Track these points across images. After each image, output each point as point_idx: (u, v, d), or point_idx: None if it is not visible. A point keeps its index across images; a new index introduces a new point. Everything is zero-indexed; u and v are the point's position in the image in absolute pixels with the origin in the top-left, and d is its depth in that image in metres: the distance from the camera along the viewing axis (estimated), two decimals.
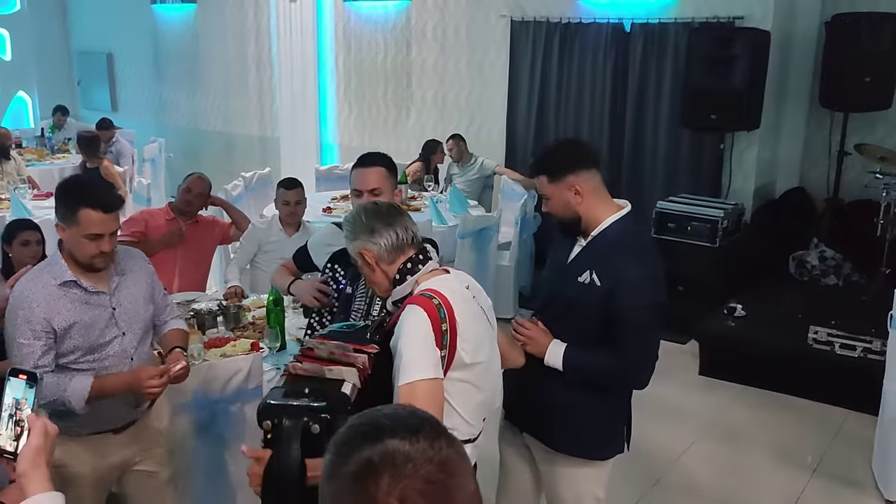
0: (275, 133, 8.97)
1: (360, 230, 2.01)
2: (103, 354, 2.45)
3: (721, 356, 5.07)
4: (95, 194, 2.40)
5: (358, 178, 2.59)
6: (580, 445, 2.43)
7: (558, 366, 2.33)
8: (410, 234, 2.02)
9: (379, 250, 1.99)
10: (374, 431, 1.00)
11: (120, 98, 10.83)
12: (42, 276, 2.41)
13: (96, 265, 2.41)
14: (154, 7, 9.96)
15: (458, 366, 1.88)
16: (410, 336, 1.82)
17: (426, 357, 1.80)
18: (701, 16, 5.95)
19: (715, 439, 4.31)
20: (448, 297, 1.89)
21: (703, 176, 6.16)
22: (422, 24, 7.62)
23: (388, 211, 2.04)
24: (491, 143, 7.29)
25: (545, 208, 2.41)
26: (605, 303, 2.26)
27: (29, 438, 1.36)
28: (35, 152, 8.35)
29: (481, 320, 2.01)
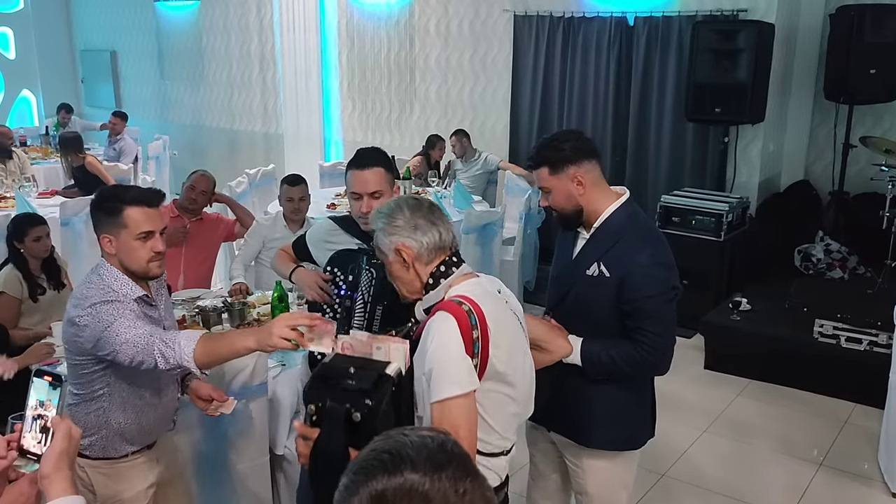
0: (278, 129, 8.98)
1: (400, 225, 1.89)
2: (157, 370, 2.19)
3: (726, 350, 5.06)
4: (134, 192, 2.28)
5: (357, 181, 2.46)
6: (610, 438, 2.41)
7: (577, 362, 2.30)
8: (451, 236, 1.92)
9: (419, 248, 1.88)
10: (393, 461, 0.92)
11: (124, 95, 10.84)
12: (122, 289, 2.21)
13: (153, 271, 2.26)
14: (157, 4, 9.96)
15: (490, 375, 1.79)
16: (440, 346, 1.73)
17: (458, 369, 1.72)
18: (705, 9, 5.93)
19: (721, 433, 4.31)
20: (479, 303, 1.80)
21: (708, 169, 6.14)
22: (425, 20, 7.61)
23: (430, 208, 1.93)
24: (494, 138, 7.29)
25: (546, 202, 2.37)
26: (616, 293, 2.24)
27: (52, 441, 1.34)
28: (39, 150, 8.37)
29: (514, 326, 1.93)
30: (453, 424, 1.68)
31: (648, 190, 6.27)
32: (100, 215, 2.26)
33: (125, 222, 2.20)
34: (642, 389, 2.47)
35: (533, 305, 5.95)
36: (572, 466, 2.51)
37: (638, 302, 2.23)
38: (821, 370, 4.72)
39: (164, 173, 8.55)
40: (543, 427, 2.55)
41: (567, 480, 2.64)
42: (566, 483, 2.65)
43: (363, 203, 2.44)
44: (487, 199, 6.59)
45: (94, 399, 2.27)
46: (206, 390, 2.40)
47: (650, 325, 2.24)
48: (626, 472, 2.51)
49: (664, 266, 2.27)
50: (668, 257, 2.30)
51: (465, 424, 1.71)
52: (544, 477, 2.66)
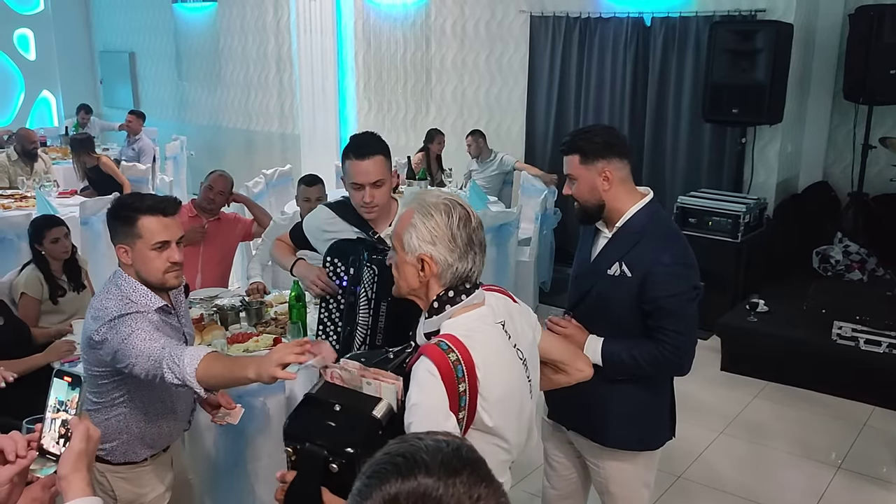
0: (295, 130, 9.02)
1: (439, 234, 1.68)
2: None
3: (743, 352, 5.03)
4: (149, 200, 2.23)
5: (358, 171, 2.40)
6: (630, 437, 2.41)
7: (598, 361, 2.28)
8: (481, 270, 1.74)
9: (445, 270, 1.70)
10: (407, 465, 0.91)
11: (142, 96, 10.93)
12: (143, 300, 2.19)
13: (169, 282, 2.22)
14: (175, 6, 10.04)
15: (478, 427, 1.66)
16: (419, 404, 1.57)
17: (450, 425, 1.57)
18: (722, 9, 5.91)
19: (738, 435, 4.29)
20: (470, 348, 1.62)
21: (725, 170, 6.11)
22: (441, 21, 7.62)
23: (476, 230, 1.73)
24: (510, 139, 7.29)
25: (569, 190, 2.35)
26: (638, 293, 2.24)
27: (70, 442, 1.34)
28: (59, 151, 8.45)
29: (513, 369, 1.74)
30: None
31: (665, 191, 6.24)
32: (115, 224, 2.22)
33: (140, 232, 2.16)
34: (661, 389, 2.47)
35: (549, 307, 5.95)
36: (593, 467, 2.51)
37: (660, 301, 2.23)
38: (839, 372, 4.68)
39: (181, 173, 8.61)
40: (562, 426, 2.55)
41: (584, 481, 2.65)
42: (584, 483, 2.65)
43: (365, 193, 2.40)
44: (503, 200, 6.60)
45: (115, 406, 2.26)
46: (216, 396, 2.37)
47: (672, 324, 2.24)
48: (647, 471, 2.50)
49: (686, 265, 2.27)
50: (689, 257, 2.30)
51: None
52: (562, 477, 2.66)
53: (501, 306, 1.79)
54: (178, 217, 2.27)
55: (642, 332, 2.29)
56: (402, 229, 1.72)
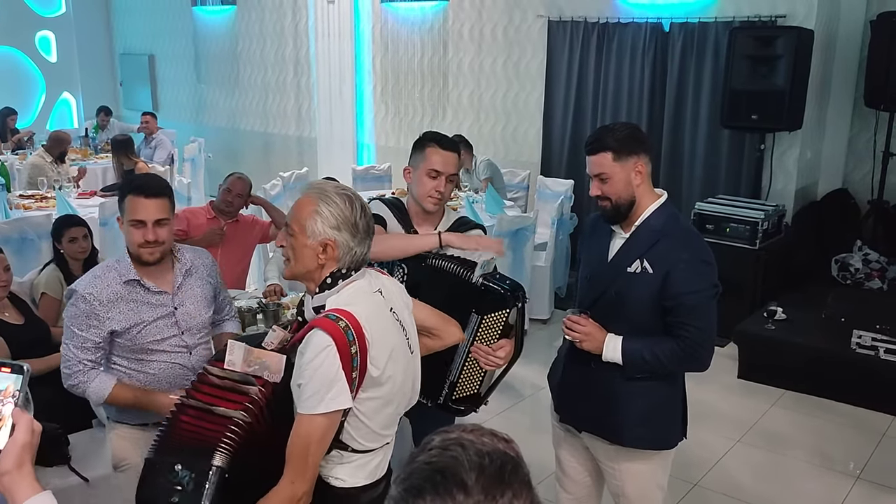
0: (312, 133, 9.06)
1: (342, 220, 1.86)
2: (159, 349, 2.47)
3: (761, 359, 5.00)
4: (139, 182, 2.52)
5: (441, 161, 2.52)
6: (646, 437, 2.41)
7: (617, 359, 2.30)
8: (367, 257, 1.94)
9: (345, 253, 1.88)
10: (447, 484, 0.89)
11: (161, 99, 11.02)
12: (108, 274, 2.44)
13: (143, 256, 2.41)
14: (195, 9, 10.11)
15: (368, 383, 1.83)
16: (312, 364, 1.75)
17: (327, 389, 1.74)
18: (742, 14, 5.88)
19: (754, 443, 4.25)
20: (355, 314, 1.81)
21: (743, 177, 6.08)
22: (459, 25, 7.63)
23: (371, 218, 1.93)
24: (527, 144, 7.28)
25: (598, 191, 2.32)
26: (659, 289, 2.26)
27: (14, 434, 1.21)
28: (79, 152, 8.54)
29: (392, 328, 1.94)
30: (308, 438, 1.77)
31: (682, 197, 6.21)
32: (119, 201, 2.49)
33: (126, 207, 2.41)
34: (675, 388, 2.47)
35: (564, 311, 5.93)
36: (608, 469, 2.50)
37: (682, 297, 2.24)
38: (858, 382, 4.64)
39: (199, 175, 8.67)
40: (574, 429, 2.55)
41: (597, 484, 2.64)
42: (597, 487, 2.65)
43: (440, 182, 2.53)
44: (519, 205, 6.59)
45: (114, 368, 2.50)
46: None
47: (694, 320, 2.25)
48: (662, 472, 2.51)
49: (707, 262, 2.30)
50: (710, 255, 2.33)
51: (318, 441, 1.77)
52: (575, 482, 2.66)
53: (375, 278, 1.99)
54: (162, 200, 2.42)
55: (660, 330, 2.30)
56: (305, 215, 1.87)
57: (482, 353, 2.40)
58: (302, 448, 1.77)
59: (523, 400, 4.76)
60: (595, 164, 2.32)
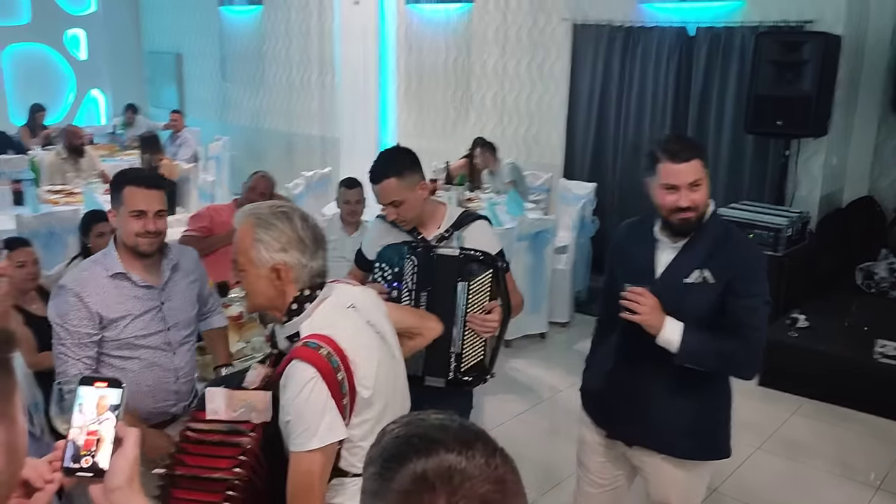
0: (335, 133, 9.11)
1: (284, 240, 1.76)
2: (144, 345, 2.47)
3: (782, 367, 4.95)
4: (137, 173, 2.54)
5: (375, 193, 2.55)
6: (698, 447, 2.40)
7: (673, 345, 2.21)
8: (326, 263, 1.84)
9: (300, 273, 1.78)
10: (426, 443, 0.92)
11: (187, 97, 11.13)
12: (94, 268, 2.45)
13: (141, 247, 2.41)
14: (221, 9, 10.22)
15: (360, 407, 1.75)
16: (299, 398, 1.66)
17: (318, 423, 1.66)
18: (769, 20, 5.83)
19: (774, 451, 4.22)
20: (334, 337, 1.72)
21: (767, 183, 6.03)
22: (483, 27, 7.65)
23: (317, 226, 1.85)
24: (550, 147, 7.28)
25: (694, 200, 2.21)
26: (720, 297, 2.23)
27: (123, 449, 1.18)
28: (106, 148, 8.66)
29: (374, 343, 1.85)
30: (309, 476, 1.68)
31: None
32: (111, 192, 2.51)
33: (123, 199, 2.40)
34: (725, 397, 2.45)
35: (585, 315, 5.93)
36: (654, 479, 2.48)
37: (743, 301, 2.22)
38: (881, 392, 4.59)
39: (223, 173, 8.75)
40: (624, 443, 2.51)
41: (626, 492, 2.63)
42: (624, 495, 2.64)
43: (388, 211, 2.55)
44: (541, 207, 6.59)
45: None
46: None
47: (754, 324, 2.24)
48: (705, 480, 2.53)
49: (764, 269, 2.30)
50: (764, 262, 2.33)
51: (320, 476, 1.69)
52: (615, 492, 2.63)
53: (344, 293, 1.89)
54: (161, 192, 2.46)
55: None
56: (247, 246, 1.76)
57: (477, 322, 2.45)
58: (305, 487, 1.68)
59: (542, 402, 4.76)
60: (691, 170, 2.21)
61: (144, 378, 2.48)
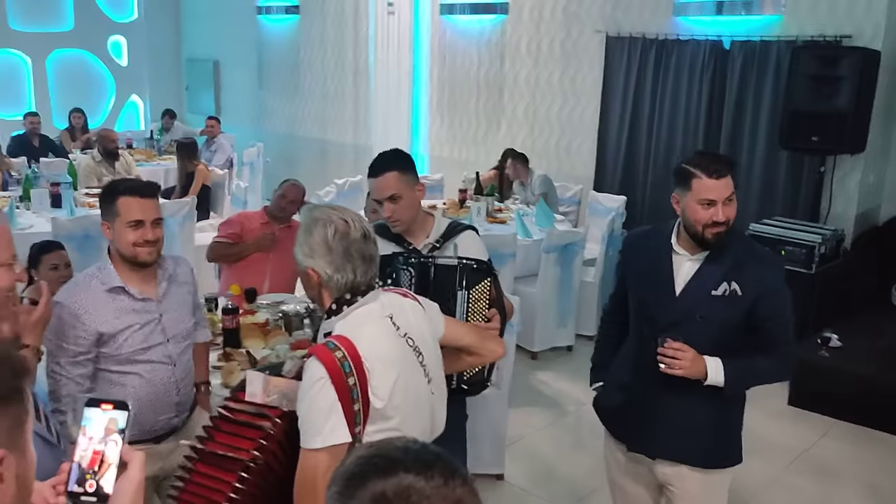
0: (368, 141, 9.17)
1: (316, 247, 1.82)
2: (144, 359, 2.44)
3: (813, 387, 4.86)
4: (129, 183, 2.49)
5: (373, 188, 2.53)
6: (726, 455, 2.45)
7: (720, 382, 2.28)
8: (367, 277, 1.86)
9: (328, 280, 1.83)
10: (386, 463, 0.96)
11: (223, 103, 11.30)
12: (91, 282, 2.41)
13: (140, 257, 2.38)
14: (259, 17, 10.36)
15: (375, 417, 1.76)
16: (311, 399, 1.71)
17: (322, 422, 1.70)
18: (806, 34, 5.76)
19: (803, 473, 4.15)
20: (356, 344, 1.75)
21: (801, 199, 5.94)
22: (516, 38, 7.66)
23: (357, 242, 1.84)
24: (581, 159, 7.25)
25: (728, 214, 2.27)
26: (749, 309, 2.28)
27: (127, 473, 1.18)
28: (144, 153, 8.81)
29: (402, 356, 1.84)
30: (313, 473, 1.69)
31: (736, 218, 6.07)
32: (102, 204, 2.44)
33: (118, 210, 2.36)
34: (740, 403, 2.49)
35: None
36: (679, 491, 2.47)
37: (777, 316, 2.30)
38: None
39: (257, 180, 8.86)
40: (647, 457, 2.50)
41: None
42: None
43: (384, 208, 2.53)
44: (570, 219, 6.56)
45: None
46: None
47: (786, 337, 2.33)
48: (728, 485, 2.54)
49: (786, 280, 2.37)
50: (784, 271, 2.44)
51: (323, 476, 1.67)
52: None
53: (392, 302, 1.91)
54: (156, 201, 2.44)
55: (742, 347, 2.33)
56: (294, 244, 1.89)
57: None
58: (308, 484, 1.71)
59: (567, 416, 4.74)
60: (727, 186, 2.27)
61: (146, 392, 2.45)
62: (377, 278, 1.94)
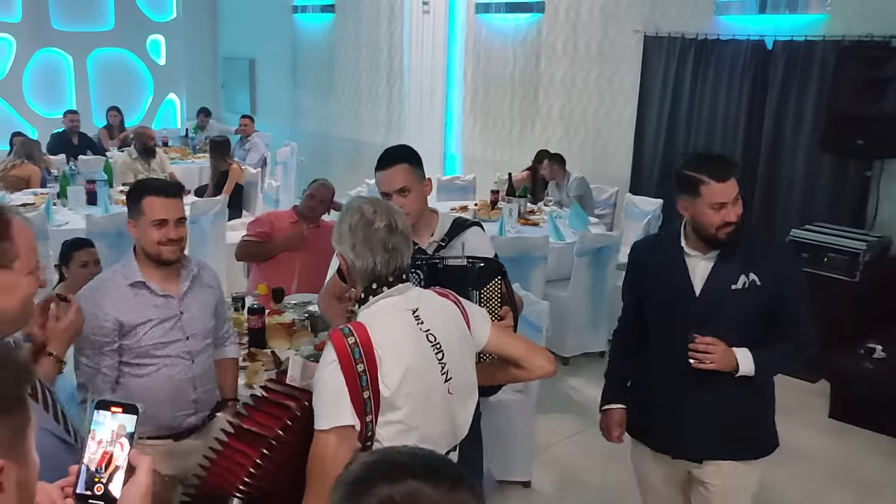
0: (401, 141, 9.10)
1: (344, 233, 1.90)
2: (163, 354, 2.49)
3: (855, 399, 4.70)
4: (154, 183, 2.58)
5: (382, 181, 2.54)
6: (765, 443, 2.49)
7: (750, 371, 2.33)
8: (391, 267, 1.88)
9: (352, 266, 1.90)
10: (393, 470, 0.96)
11: (259, 102, 11.37)
12: (114, 277, 2.50)
13: (164, 255, 2.45)
14: (295, 16, 10.40)
15: (384, 407, 1.80)
16: (322, 382, 1.79)
17: (329, 404, 1.76)
18: (853, 34, 5.57)
19: (844, 489, 4.00)
20: (370, 331, 1.80)
21: (845, 205, 5.74)
22: (553, 38, 7.56)
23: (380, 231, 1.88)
24: (617, 161, 7.13)
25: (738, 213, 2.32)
26: (770, 298, 2.33)
27: (135, 477, 1.17)
28: (179, 151, 8.90)
29: (420, 351, 1.86)
30: (322, 456, 1.75)
31: (778, 222, 5.93)
32: (128, 204, 2.53)
33: (143, 209, 2.43)
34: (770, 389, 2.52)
35: None
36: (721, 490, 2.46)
37: (795, 299, 2.37)
38: None
39: (290, 178, 8.87)
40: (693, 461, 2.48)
41: None
42: None
43: (393, 201, 2.48)
44: (605, 222, 6.45)
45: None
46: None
47: (807, 322, 2.39)
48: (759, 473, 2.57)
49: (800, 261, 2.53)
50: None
51: (332, 459, 1.73)
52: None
53: (422, 298, 1.94)
54: (180, 200, 2.51)
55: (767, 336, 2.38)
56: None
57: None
58: (317, 464, 1.76)
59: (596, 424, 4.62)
60: (734, 186, 2.31)
61: (163, 386, 2.50)
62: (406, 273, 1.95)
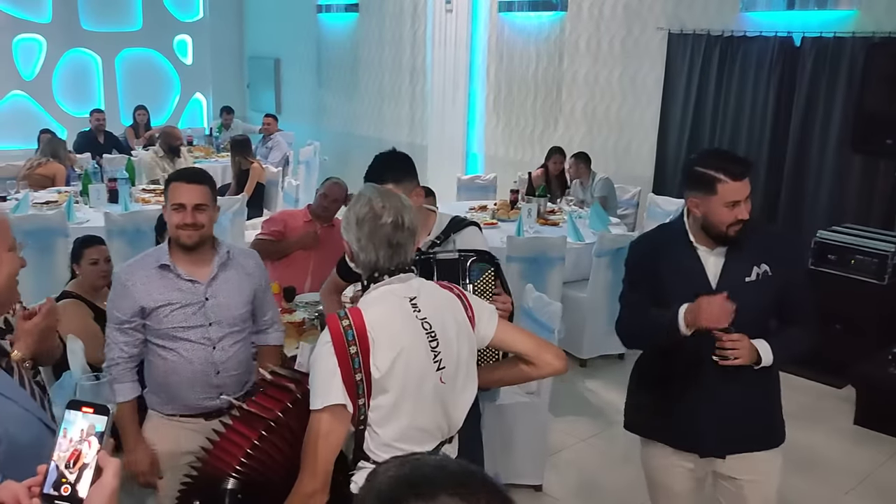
0: (423, 141, 9.11)
1: (350, 224, 1.94)
2: (184, 337, 2.53)
3: (882, 406, 4.56)
4: (184, 171, 2.74)
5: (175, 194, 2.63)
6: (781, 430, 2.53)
7: (770, 362, 2.35)
8: (394, 263, 1.91)
9: (356, 255, 1.94)
10: (425, 484, 0.92)
11: (284, 101, 11.41)
12: (146, 259, 2.59)
13: (181, 238, 2.50)
14: (319, 15, 10.42)
15: (376, 390, 1.83)
16: (316, 362, 1.84)
17: (322, 383, 1.81)
18: (883, 30, 5.42)
19: (870, 498, 3.87)
20: (365, 313, 1.85)
21: (874, 206, 5.60)
22: (575, 36, 7.47)
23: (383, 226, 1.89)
24: (640, 160, 7.03)
25: (749, 210, 2.34)
26: (781, 286, 2.37)
27: (102, 479, 1.15)
28: (203, 150, 8.95)
29: (413, 337, 1.87)
30: (315, 434, 1.80)
31: (804, 224, 5.80)
32: (164, 193, 2.65)
33: (169, 194, 2.54)
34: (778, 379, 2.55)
35: None
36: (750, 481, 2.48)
37: (804, 286, 2.45)
38: None
39: (312, 178, 8.87)
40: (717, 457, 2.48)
41: None
42: None
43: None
44: (627, 223, 6.35)
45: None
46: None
47: (810, 304, 2.44)
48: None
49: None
50: None
51: (324, 437, 1.79)
52: None
53: (422, 288, 1.96)
54: (202, 187, 2.54)
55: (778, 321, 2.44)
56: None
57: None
58: (310, 443, 1.81)
59: (614, 427, 4.54)
60: (748, 184, 2.34)
61: (184, 369, 2.55)
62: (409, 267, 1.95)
